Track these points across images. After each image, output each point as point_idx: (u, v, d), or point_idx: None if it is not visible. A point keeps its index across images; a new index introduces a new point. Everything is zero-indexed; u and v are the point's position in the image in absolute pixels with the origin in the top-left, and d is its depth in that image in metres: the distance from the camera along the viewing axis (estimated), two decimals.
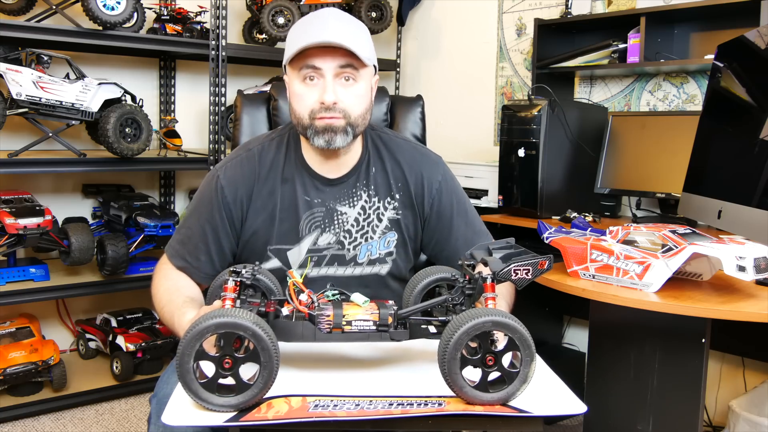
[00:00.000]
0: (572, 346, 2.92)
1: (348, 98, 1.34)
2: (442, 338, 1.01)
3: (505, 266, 1.09)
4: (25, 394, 2.56)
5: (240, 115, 1.85)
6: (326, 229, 1.44)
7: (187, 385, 0.96)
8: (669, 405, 1.56)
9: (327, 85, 1.32)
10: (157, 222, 2.66)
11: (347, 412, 0.98)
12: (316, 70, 1.33)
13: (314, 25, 1.33)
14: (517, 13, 3.16)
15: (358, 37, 1.34)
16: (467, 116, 3.38)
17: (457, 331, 0.98)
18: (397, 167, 1.48)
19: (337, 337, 1.08)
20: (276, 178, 1.43)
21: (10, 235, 2.38)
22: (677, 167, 2.17)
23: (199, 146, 3.18)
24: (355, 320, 1.08)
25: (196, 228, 1.43)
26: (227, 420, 0.95)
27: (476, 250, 1.18)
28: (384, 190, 1.47)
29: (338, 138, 1.35)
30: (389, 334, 1.09)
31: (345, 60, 1.32)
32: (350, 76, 1.34)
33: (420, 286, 1.26)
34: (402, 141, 1.54)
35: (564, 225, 1.83)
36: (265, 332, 0.96)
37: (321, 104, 1.33)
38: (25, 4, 2.60)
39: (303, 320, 1.10)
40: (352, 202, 1.45)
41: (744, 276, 1.32)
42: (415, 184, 1.48)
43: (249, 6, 3.10)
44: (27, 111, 2.39)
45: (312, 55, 1.31)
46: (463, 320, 0.99)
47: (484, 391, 1.01)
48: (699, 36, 2.55)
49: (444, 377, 1.00)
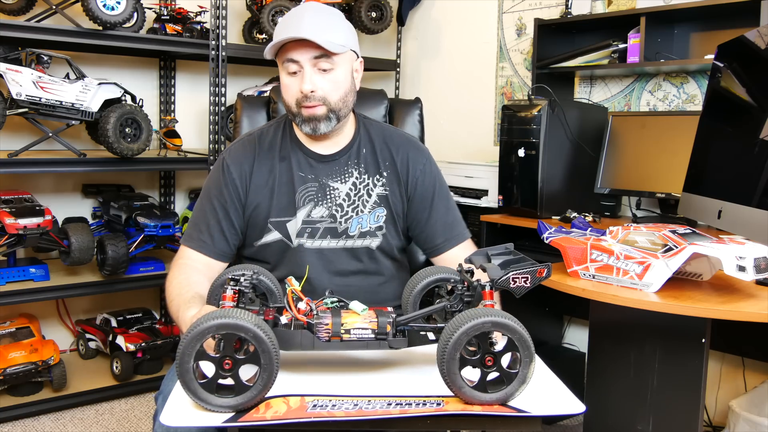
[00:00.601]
0: (572, 346, 2.92)
1: (325, 85, 1.45)
2: (441, 338, 1.01)
3: (503, 274, 1.09)
4: (25, 394, 2.56)
5: (240, 118, 1.87)
6: (319, 203, 1.52)
7: (187, 385, 0.97)
8: (669, 405, 1.56)
9: (305, 75, 1.43)
10: (157, 222, 2.67)
11: (346, 412, 0.98)
12: (295, 63, 1.44)
13: (291, 20, 1.44)
14: (517, 13, 3.16)
15: (330, 29, 1.43)
16: (467, 116, 3.38)
17: (456, 331, 0.98)
18: (386, 148, 1.58)
19: (336, 345, 1.09)
20: (274, 156, 1.55)
21: (10, 235, 2.38)
22: (677, 167, 2.17)
23: (199, 146, 3.18)
24: (354, 328, 1.09)
25: (208, 208, 1.53)
26: (226, 420, 0.95)
27: (475, 256, 1.20)
28: (373, 168, 1.56)
29: (322, 125, 1.47)
30: (388, 343, 1.10)
31: (318, 51, 1.42)
32: (326, 64, 1.44)
33: (419, 287, 1.28)
34: (393, 128, 1.67)
35: (564, 225, 1.82)
36: (266, 334, 0.97)
37: (302, 93, 1.44)
38: (25, 4, 2.60)
39: (301, 329, 1.10)
40: (343, 178, 1.54)
41: (744, 276, 1.32)
42: (401, 164, 1.57)
43: (249, 6, 3.10)
44: (27, 111, 2.39)
45: (290, 49, 1.43)
46: (462, 320, 0.99)
47: (482, 392, 1.01)
48: (699, 36, 2.55)
49: (443, 377, 1.00)
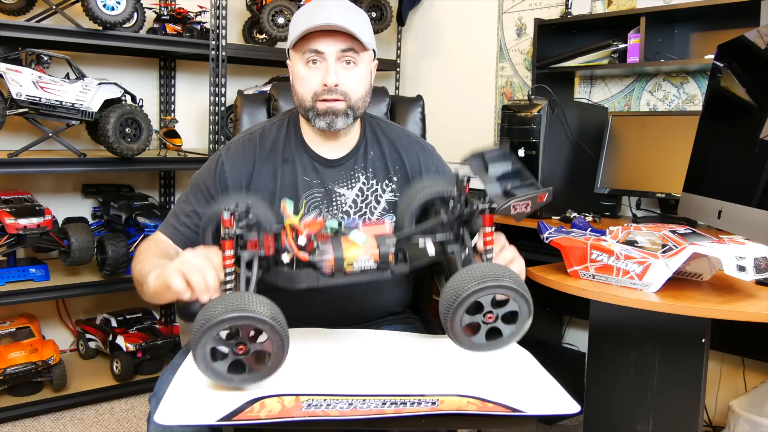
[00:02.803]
0: (572, 346, 2.92)
1: (349, 81, 1.39)
2: (448, 288, 1.02)
3: (504, 203, 1.07)
4: (25, 394, 2.56)
5: (240, 116, 1.86)
6: (325, 210, 1.46)
7: (207, 370, 0.99)
8: (669, 405, 1.56)
9: (329, 68, 1.37)
10: (157, 222, 2.66)
11: (340, 411, 0.97)
12: (318, 54, 1.37)
13: (317, 9, 1.38)
14: (517, 13, 3.16)
15: (359, 21, 1.39)
16: (467, 116, 3.38)
17: (464, 290, 1.00)
18: (395, 151, 1.52)
19: (340, 278, 1.09)
20: (277, 158, 1.47)
21: (10, 235, 2.38)
22: (677, 167, 2.17)
23: (199, 146, 3.18)
24: (356, 261, 1.08)
25: (191, 199, 1.46)
26: (219, 419, 0.95)
27: (472, 160, 1.14)
28: (382, 173, 1.50)
29: (339, 120, 1.40)
30: (390, 270, 1.10)
31: (346, 44, 1.37)
32: (351, 59, 1.39)
33: (416, 202, 1.26)
34: (399, 128, 1.59)
35: (564, 225, 1.82)
36: (279, 323, 0.98)
37: (324, 86, 1.37)
38: (25, 4, 2.60)
39: (304, 267, 1.09)
40: (350, 184, 1.48)
41: (744, 276, 1.32)
42: (411, 168, 1.52)
43: (249, 6, 3.10)
44: (27, 111, 2.39)
45: (315, 39, 1.36)
46: (472, 278, 1.01)
47: (479, 340, 1.05)
48: (699, 36, 2.55)
49: (444, 325, 1.04)
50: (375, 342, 1.33)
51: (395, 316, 1.58)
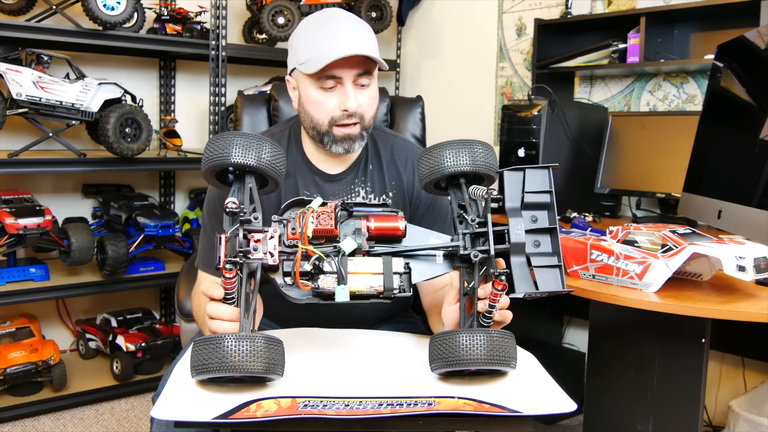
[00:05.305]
0: (572, 346, 2.92)
1: (365, 102, 1.37)
2: (440, 350, 1.04)
3: (523, 293, 1.04)
4: (25, 394, 2.56)
5: (240, 116, 1.86)
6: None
7: None
8: (669, 405, 1.56)
9: (348, 93, 1.34)
10: (157, 222, 2.66)
11: (336, 411, 0.97)
12: (335, 79, 1.34)
13: (333, 33, 1.33)
14: (517, 13, 3.16)
15: (372, 40, 1.36)
16: (467, 116, 3.38)
17: (473, 352, 1.01)
18: (393, 165, 1.51)
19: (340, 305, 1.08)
20: None
21: (10, 235, 2.38)
22: (677, 167, 2.17)
23: (199, 146, 3.17)
24: (359, 291, 1.06)
25: (209, 225, 1.46)
26: (215, 417, 0.95)
27: (510, 175, 1.09)
28: (380, 187, 1.49)
29: (356, 144, 1.40)
30: (392, 299, 1.08)
31: (363, 67, 1.35)
32: (365, 81, 1.37)
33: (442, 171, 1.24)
34: (400, 140, 1.57)
35: (564, 225, 1.82)
36: (273, 372, 1.00)
37: (344, 112, 1.35)
38: (25, 4, 2.60)
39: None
40: (350, 198, 1.47)
41: (744, 276, 1.32)
42: (407, 183, 1.50)
43: (249, 6, 3.10)
44: (27, 111, 2.39)
45: (332, 65, 1.31)
46: (482, 345, 1.01)
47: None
48: (699, 36, 2.55)
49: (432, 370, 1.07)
50: (372, 343, 1.33)
51: (396, 316, 1.59)
